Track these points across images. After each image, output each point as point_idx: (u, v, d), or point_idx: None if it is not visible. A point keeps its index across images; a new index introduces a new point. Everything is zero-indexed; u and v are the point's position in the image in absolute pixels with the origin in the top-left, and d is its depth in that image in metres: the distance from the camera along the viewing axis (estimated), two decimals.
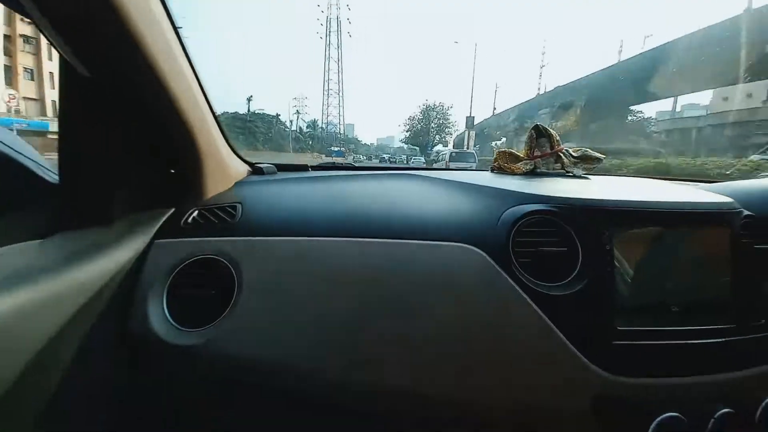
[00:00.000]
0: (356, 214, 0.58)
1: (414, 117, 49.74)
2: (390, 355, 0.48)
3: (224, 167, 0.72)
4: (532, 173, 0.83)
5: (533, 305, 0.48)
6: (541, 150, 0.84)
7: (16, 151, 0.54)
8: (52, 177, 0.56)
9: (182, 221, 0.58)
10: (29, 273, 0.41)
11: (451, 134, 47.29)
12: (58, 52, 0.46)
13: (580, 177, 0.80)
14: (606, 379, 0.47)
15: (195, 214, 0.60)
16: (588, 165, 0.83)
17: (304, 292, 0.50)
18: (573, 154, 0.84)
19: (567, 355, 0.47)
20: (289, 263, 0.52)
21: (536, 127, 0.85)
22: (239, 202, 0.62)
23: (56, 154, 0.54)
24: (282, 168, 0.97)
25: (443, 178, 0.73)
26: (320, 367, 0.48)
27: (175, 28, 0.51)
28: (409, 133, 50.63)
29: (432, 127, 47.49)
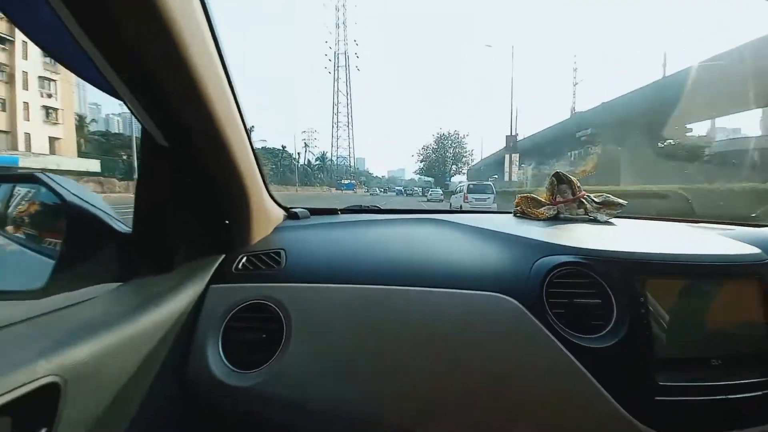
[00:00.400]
0: (393, 261, 0.62)
1: (428, 146, 48.14)
2: (432, 402, 0.50)
3: (267, 214, 0.78)
4: (556, 218, 0.86)
5: (571, 357, 0.49)
6: (562, 196, 0.87)
7: (91, 204, 0.62)
8: (123, 228, 0.63)
9: (233, 267, 0.64)
10: (110, 317, 0.46)
11: (468, 163, 45.52)
12: (141, 124, 0.55)
13: (604, 223, 0.82)
14: None
15: (244, 260, 0.65)
16: (611, 210, 0.85)
17: (348, 338, 0.53)
18: (595, 199, 0.86)
19: (609, 410, 0.48)
20: (333, 310, 0.56)
21: (557, 174, 0.89)
22: (282, 248, 0.68)
23: None
24: (313, 212, 1.03)
25: (470, 224, 0.77)
26: (366, 411, 0.50)
27: (234, 92, 0.58)
28: (423, 163, 48.99)
29: (448, 157, 45.99)
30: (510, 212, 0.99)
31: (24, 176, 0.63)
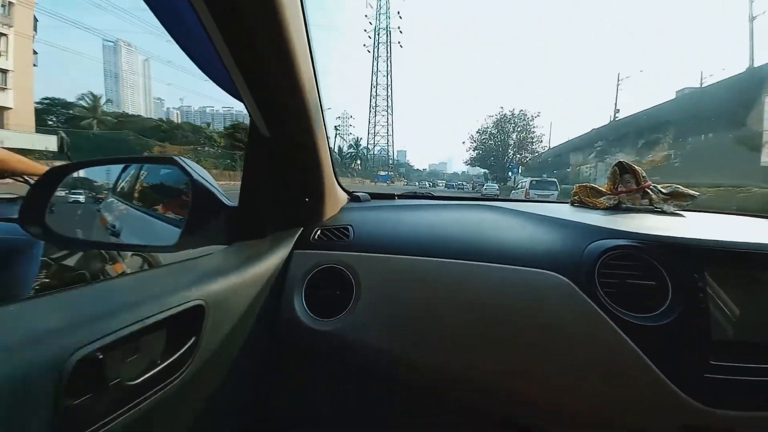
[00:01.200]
0: (448, 238, 0.70)
1: (485, 130, 39.01)
2: (479, 356, 0.57)
3: (336, 196, 0.90)
4: (616, 208, 0.85)
5: (620, 332, 0.52)
6: (625, 186, 0.86)
7: (210, 183, 0.78)
8: (230, 203, 0.79)
9: (311, 237, 0.76)
10: (223, 269, 0.60)
11: (535, 152, 36.30)
12: (250, 116, 0.69)
13: (671, 214, 0.80)
14: (697, 409, 0.49)
15: (319, 232, 0.77)
16: (679, 202, 0.82)
17: (407, 298, 0.62)
18: (662, 190, 0.84)
19: (658, 384, 0.50)
20: (395, 275, 0.65)
21: (620, 164, 0.88)
22: (350, 225, 0.79)
23: None
24: (373, 196, 1.14)
25: (523, 210, 0.80)
26: (419, 358, 0.59)
27: (320, 94, 0.70)
28: (477, 151, 40.44)
29: (509, 143, 37.25)
30: (567, 202, 0.99)
31: (164, 158, 0.82)
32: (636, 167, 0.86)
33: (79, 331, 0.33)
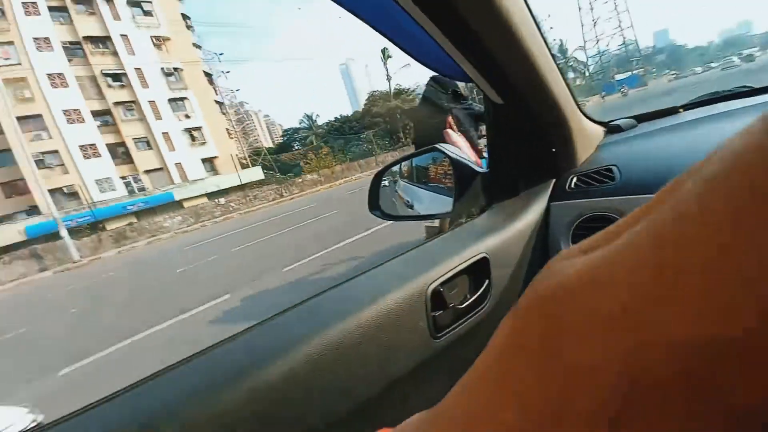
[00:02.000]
0: None
1: None
2: None
3: (586, 135, 0.83)
4: None
5: None
6: None
7: (464, 158, 0.95)
8: (480, 169, 0.93)
9: (566, 186, 0.77)
10: (493, 227, 0.73)
11: None
12: (483, 92, 0.77)
13: None
14: None
15: (575, 180, 0.76)
16: None
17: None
18: None
19: None
20: None
21: None
22: (614, 165, 0.71)
23: None
24: (641, 118, 0.93)
25: None
26: None
27: (547, 44, 0.67)
28: None
29: None
30: None
31: (430, 149, 1.07)
32: None
33: (428, 274, 0.56)
